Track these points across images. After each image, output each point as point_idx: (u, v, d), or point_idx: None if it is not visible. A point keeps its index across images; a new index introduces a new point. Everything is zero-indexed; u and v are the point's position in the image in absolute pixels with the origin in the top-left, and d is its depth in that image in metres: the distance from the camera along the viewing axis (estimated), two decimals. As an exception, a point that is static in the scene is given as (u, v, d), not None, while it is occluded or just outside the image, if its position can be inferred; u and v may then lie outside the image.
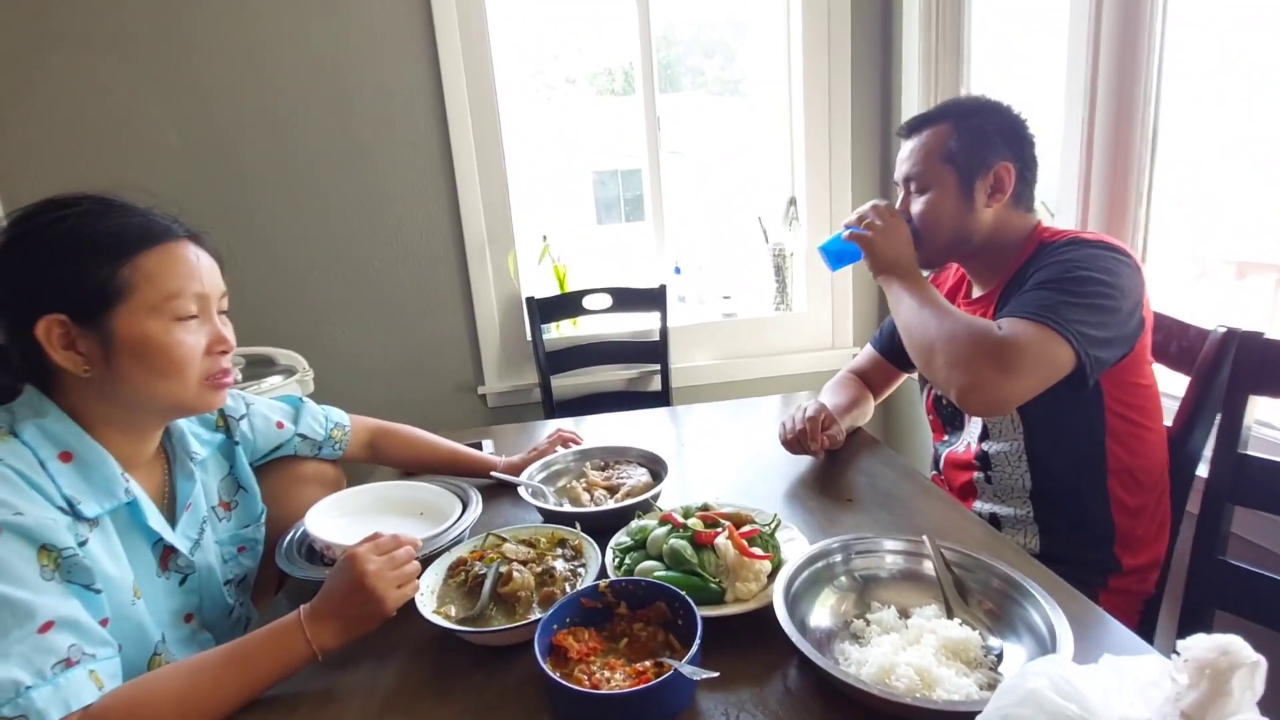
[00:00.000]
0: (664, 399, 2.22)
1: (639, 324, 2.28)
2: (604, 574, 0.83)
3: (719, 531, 0.83)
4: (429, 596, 0.81)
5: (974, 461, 1.14)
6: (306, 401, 1.12)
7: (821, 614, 0.77)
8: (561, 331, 2.32)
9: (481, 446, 1.35)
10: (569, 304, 2.19)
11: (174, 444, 0.90)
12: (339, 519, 0.98)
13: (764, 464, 1.23)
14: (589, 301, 2.18)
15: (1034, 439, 1.06)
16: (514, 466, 1.18)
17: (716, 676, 0.63)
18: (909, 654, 0.66)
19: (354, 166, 2.02)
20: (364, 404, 1.35)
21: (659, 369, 2.21)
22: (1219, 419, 1.01)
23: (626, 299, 2.18)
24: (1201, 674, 0.40)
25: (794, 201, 2.32)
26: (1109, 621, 0.74)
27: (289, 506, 1.04)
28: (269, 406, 1.06)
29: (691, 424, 1.52)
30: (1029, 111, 1.09)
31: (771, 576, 0.80)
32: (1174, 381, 1.09)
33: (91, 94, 1.88)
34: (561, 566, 0.85)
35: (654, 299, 2.17)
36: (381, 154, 2.02)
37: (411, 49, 1.97)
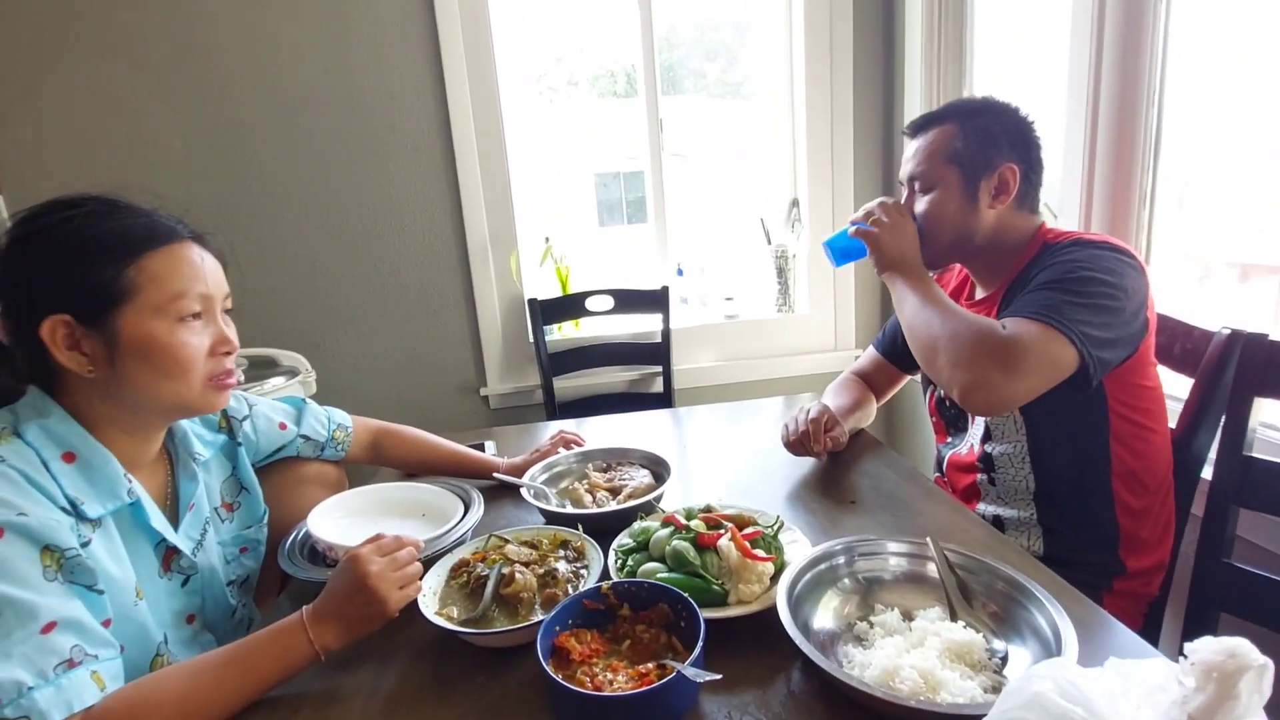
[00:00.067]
0: (666, 401, 2.21)
1: (641, 325, 2.28)
2: (606, 575, 0.83)
3: (722, 533, 0.83)
4: (431, 598, 0.81)
5: (977, 463, 1.14)
6: (309, 402, 1.12)
7: (825, 616, 0.77)
8: (564, 333, 2.32)
9: (484, 448, 1.35)
10: (571, 305, 2.19)
11: (177, 445, 0.90)
12: (341, 520, 0.98)
13: (766, 466, 1.23)
14: (591, 303, 2.18)
15: (1037, 441, 1.06)
16: (516, 468, 1.18)
17: (719, 679, 0.63)
18: (913, 657, 0.66)
19: (357, 168, 2.02)
20: (366, 405, 1.35)
21: (661, 371, 2.21)
22: (1223, 421, 1.01)
23: (629, 300, 2.18)
24: (1209, 677, 0.40)
25: (796, 203, 2.31)
26: (1113, 624, 0.73)
27: (291, 507, 1.04)
28: (272, 407, 1.06)
29: (694, 425, 1.52)
30: (1031, 112, 1.09)
31: (774, 578, 0.80)
32: (1178, 383, 1.09)
33: (97, 97, 1.88)
34: (564, 568, 0.84)
35: (656, 300, 2.17)
36: (384, 156, 2.03)
37: (414, 52, 1.97)
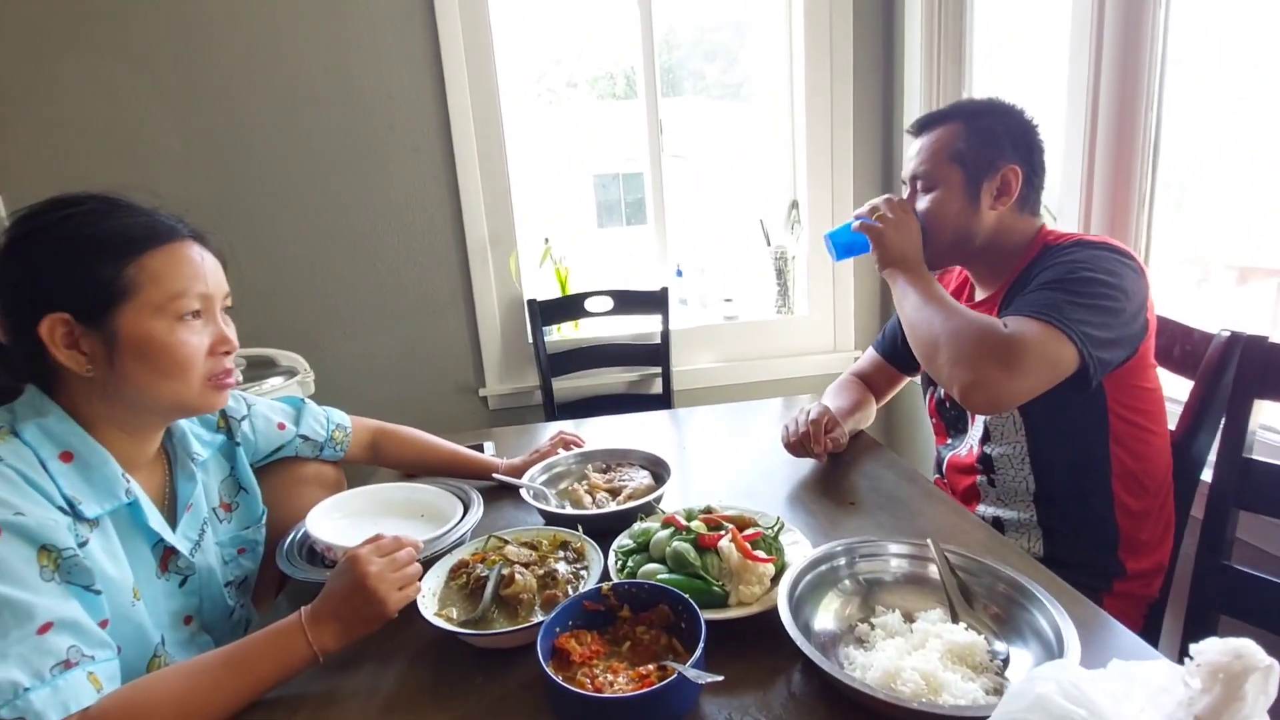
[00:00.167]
0: (665, 402, 2.21)
1: (640, 326, 2.27)
2: (606, 577, 0.83)
3: (722, 534, 0.83)
4: (430, 599, 0.80)
5: (976, 465, 1.14)
6: (308, 403, 1.12)
7: (825, 618, 0.77)
8: (563, 334, 2.31)
9: (483, 448, 1.35)
10: (570, 306, 2.19)
11: (175, 444, 0.90)
12: (340, 520, 0.97)
13: (766, 467, 1.23)
14: (590, 304, 2.18)
15: (1037, 442, 1.06)
16: (515, 468, 1.18)
17: (720, 680, 0.63)
18: (914, 658, 0.66)
19: (357, 169, 2.02)
20: (365, 405, 1.35)
21: (660, 372, 2.21)
22: (1223, 423, 1.01)
23: (628, 301, 2.18)
24: (1215, 678, 0.40)
25: (796, 204, 2.32)
26: (1114, 626, 0.73)
27: (290, 508, 1.03)
28: (270, 407, 1.06)
29: (693, 426, 1.52)
30: (1035, 115, 1.09)
31: (775, 580, 0.80)
32: (1177, 385, 1.09)
33: (95, 97, 1.88)
34: (564, 569, 0.84)
35: (655, 301, 2.16)
36: (384, 157, 2.02)
37: (414, 52, 1.97)
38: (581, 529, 0.92)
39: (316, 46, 1.93)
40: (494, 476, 1.17)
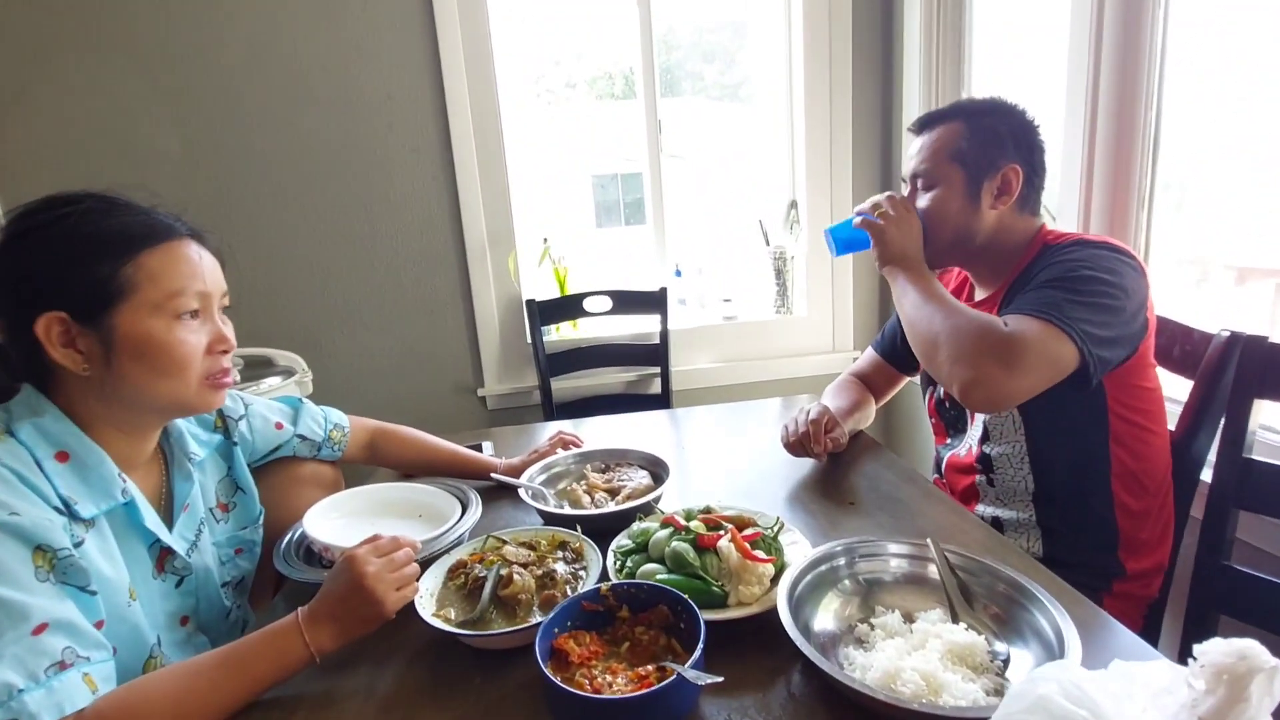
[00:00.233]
0: (664, 402, 2.21)
1: (639, 326, 2.27)
2: (605, 577, 0.82)
3: (721, 534, 0.82)
4: (428, 599, 0.80)
5: (975, 465, 1.13)
6: (305, 402, 1.11)
7: (825, 618, 0.77)
8: (562, 334, 2.31)
9: (481, 448, 1.35)
10: (569, 306, 2.19)
11: (172, 444, 0.89)
12: (337, 520, 0.97)
13: (765, 467, 1.22)
14: (589, 304, 2.18)
15: (1036, 441, 1.05)
16: (514, 468, 1.17)
17: (720, 681, 0.62)
18: (914, 659, 0.66)
19: (355, 169, 2.02)
20: (363, 405, 1.35)
21: (659, 372, 2.21)
22: (1223, 423, 1.01)
23: (627, 301, 2.18)
24: (1219, 679, 0.39)
25: (795, 204, 2.31)
26: (1115, 626, 0.73)
27: (287, 508, 1.03)
28: (268, 407, 1.05)
29: (692, 426, 1.52)
30: (1037, 115, 1.08)
31: (774, 580, 0.79)
32: (1177, 385, 1.09)
33: (93, 97, 1.87)
34: (562, 569, 0.84)
35: (654, 302, 2.16)
36: (383, 156, 2.02)
37: (413, 53, 1.97)
38: (580, 529, 0.92)
39: (315, 47, 1.93)
40: (492, 476, 1.16)
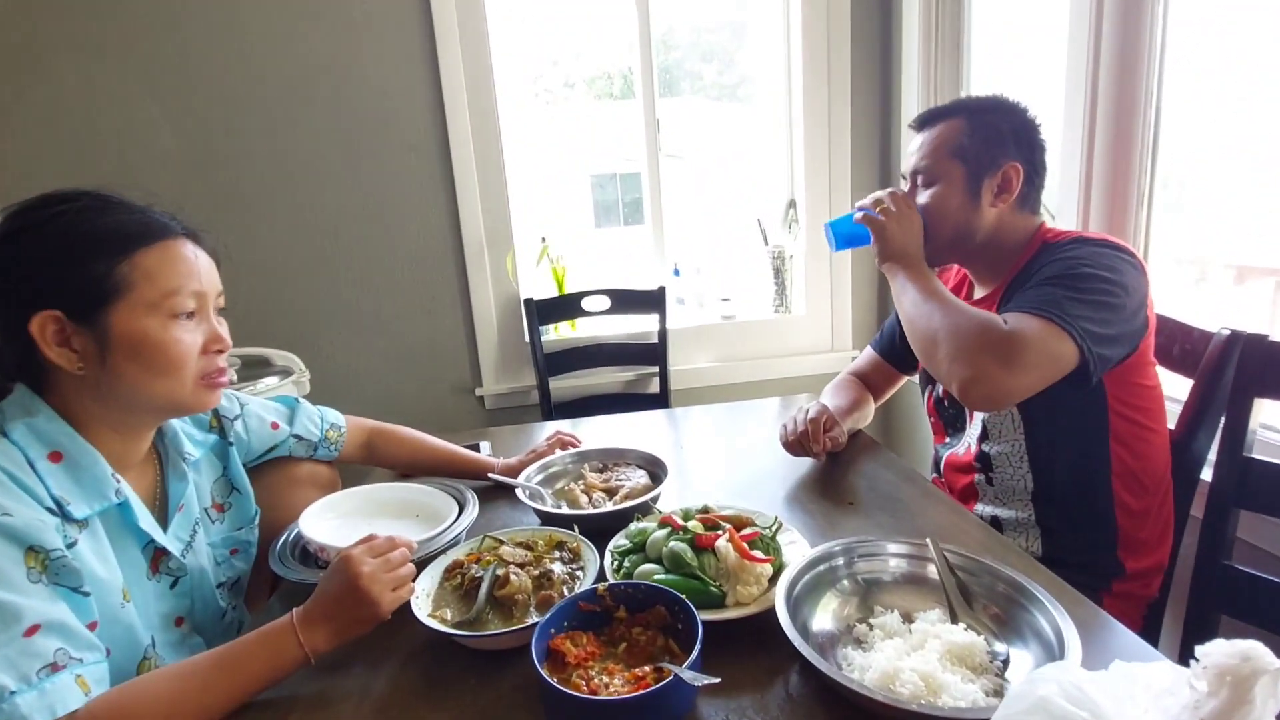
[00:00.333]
0: (663, 401, 2.20)
1: (638, 326, 2.27)
2: (602, 577, 0.82)
3: (719, 534, 0.82)
4: (424, 599, 0.80)
5: (974, 463, 1.13)
6: (302, 402, 1.11)
7: (824, 618, 0.76)
8: (560, 333, 2.31)
9: (479, 448, 1.34)
10: (567, 306, 2.18)
11: (167, 444, 0.89)
12: (333, 521, 0.96)
13: (763, 466, 1.22)
14: (588, 303, 2.17)
15: (1035, 440, 1.05)
16: (511, 468, 1.17)
17: (717, 682, 0.62)
18: (913, 659, 0.65)
19: (353, 168, 2.01)
20: (360, 405, 1.34)
21: (658, 371, 2.20)
22: (1223, 422, 1.01)
23: (625, 301, 2.18)
24: (1222, 681, 0.39)
25: (793, 204, 2.31)
26: (1115, 626, 0.73)
27: (283, 508, 1.02)
28: (264, 407, 1.05)
29: (690, 426, 1.51)
30: (1039, 114, 1.08)
31: (773, 580, 0.79)
32: (1177, 384, 1.08)
33: (88, 96, 1.87)
34: (559, 569, 0.83)
35: (653, 301, 2.16)
36: (380, 156, 2.01)
37: (411, 52, 1.96)
38: (578, 529, 0.91)
39: (312, 45, 1.92)
40: (490, 476, 1.16)
